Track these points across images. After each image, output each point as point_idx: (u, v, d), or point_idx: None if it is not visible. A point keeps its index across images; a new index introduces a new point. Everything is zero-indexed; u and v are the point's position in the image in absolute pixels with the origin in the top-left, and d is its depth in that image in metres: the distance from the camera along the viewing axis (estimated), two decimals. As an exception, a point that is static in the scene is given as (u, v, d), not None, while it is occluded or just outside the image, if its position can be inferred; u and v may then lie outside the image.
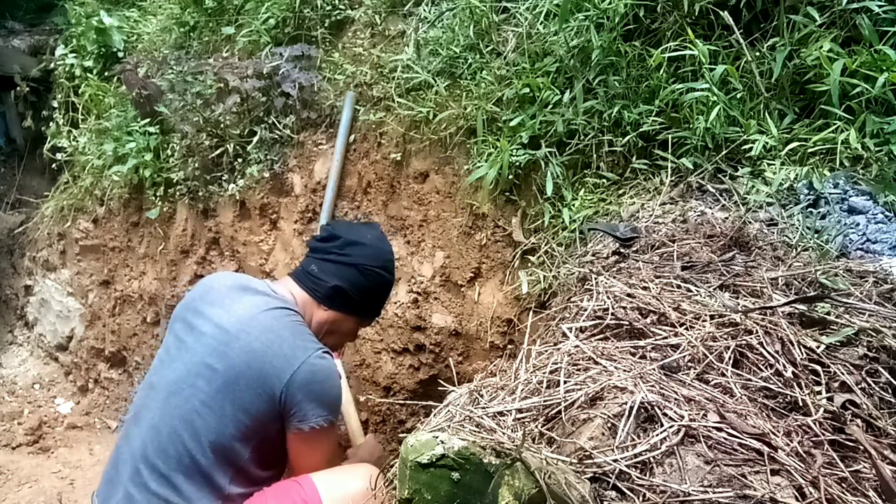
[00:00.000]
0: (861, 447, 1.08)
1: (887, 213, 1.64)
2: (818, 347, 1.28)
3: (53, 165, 4.26)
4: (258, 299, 1.80)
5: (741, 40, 1.97)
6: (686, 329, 1.34)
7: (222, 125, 3.20)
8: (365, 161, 2.91)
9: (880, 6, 1.82)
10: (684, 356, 1.26)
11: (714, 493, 0.96)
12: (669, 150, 1.98)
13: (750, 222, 1.71)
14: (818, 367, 1.24)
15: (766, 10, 2.01)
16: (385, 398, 2.71)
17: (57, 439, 3.42)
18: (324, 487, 1.63)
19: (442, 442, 0.88)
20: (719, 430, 1.08)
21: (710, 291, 1.47)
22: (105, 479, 1.77)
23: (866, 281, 1.46)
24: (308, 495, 1.62)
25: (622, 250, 1.76)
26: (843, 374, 1.22)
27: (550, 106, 2.23)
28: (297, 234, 3.13)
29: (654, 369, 1.22)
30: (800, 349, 1.27)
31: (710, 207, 1.84)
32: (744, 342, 1.29)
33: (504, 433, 1.05)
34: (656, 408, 1.11)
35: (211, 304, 1.80)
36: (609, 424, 1.09)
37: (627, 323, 1.40)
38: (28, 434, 3.39)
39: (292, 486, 1.66)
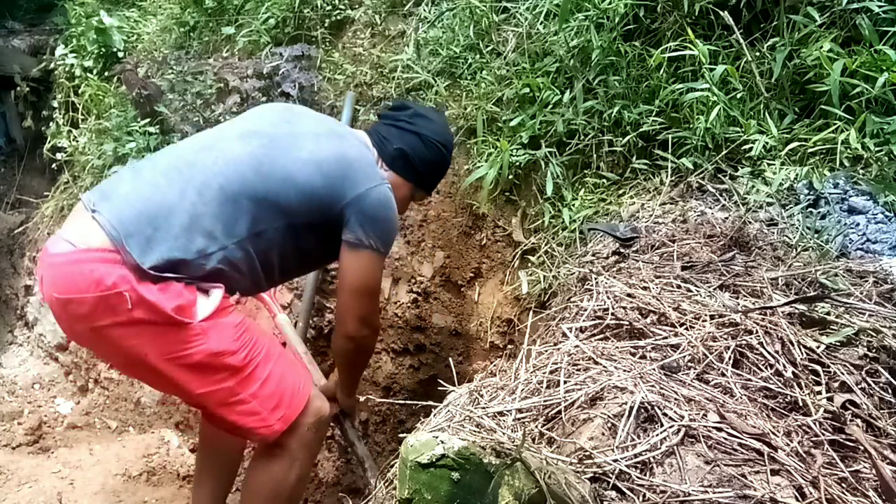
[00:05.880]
0: (861, 447, 1.07)
1: (887, 213, 1.64)
2: (818, 347, 1.28)
3: (53, 165, 4.26)
4: (348, 130, 2.01)
5: (741, 40, 1.97)
6: (686, 329, 1.34)
7: (222, 125, 3.20)
8: (365, 161, 2.91)
9: (880, 6, 1.82)
10: (684, 356, 1.26)
11: (714, 493, 0.96)
12: (669, 150, 1.98)
13: (750, 222, 1.71)
14: (818, 367, 1.24)
15: (766, 10, 2.01)
16: (385, 398, 2.70)
17: (57, 439, 3.41)
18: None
19: (442, 442, 0.88)
20: (719, 430, 1.08)
21: (710, 291, 1.47)
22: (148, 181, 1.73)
23: (866, 281, 1.46)
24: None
25: (622, 250, 1.76)
26: (843, 374, 1.22)
27: (550, 106, 2.23)
28: (297, 234, 3.12)
29: (654, 369, 1.22)
30: (800, 349, 1.27)
31: (710, 207, 1.84)
32: (744, 342, 1.29)
33: (504, 433, 1.05)
34: (656, 408, 1.11)
35: (307, 117, 1.96)
36: (609, 424, 1.09)
37: (627, 323, 1.40)
38: (28, 434, 3.38)
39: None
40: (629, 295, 1.49)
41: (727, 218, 1.76)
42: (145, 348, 1.61)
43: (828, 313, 1.37)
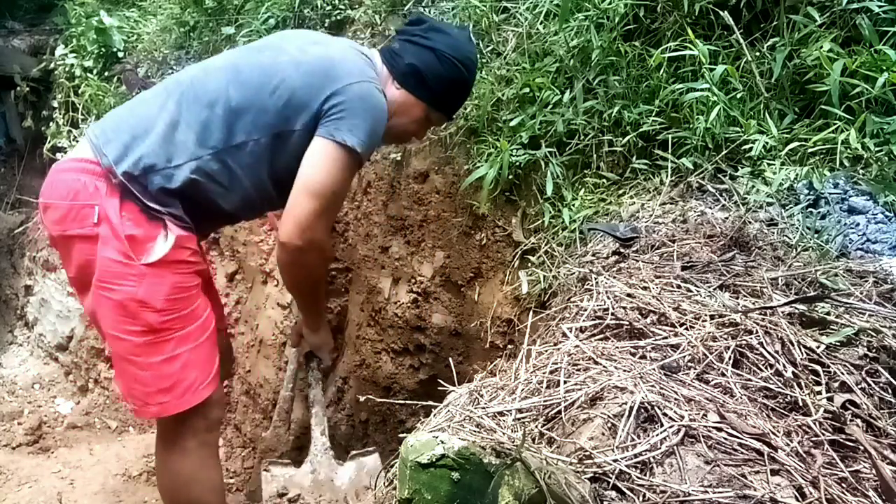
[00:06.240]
0: (861, 447, 1.07)
1: (887, 213, 1.64)
2: (818, 347, 1.28)
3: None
4: (344, 40, 1.96)
5: (741, 40, 1.97)
6: (686, 329, 1.34)
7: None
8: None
9: (880, 6, 1.82)
10: (684, 356, 1.26)
11: (714, 493, 0.96)
12: (669, 150, 1.97)
13: (750, 222, 1.71)
14: (818, 367, 1.24)
15: (766, 10, 2.01)
16: (385, 398, 2.70)
17: (57, 439, 3.41)
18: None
19: (442, 442, 0.88)
20: (719, 430, 1.08)
21: (710, 291, 1.47)
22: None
23: (866, 281, 1.46)
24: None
25: (622, 250, 1.76)
26: (843, 374, 1.22)
27: (550, 106, 2.23)
28: (297, 234, 3.12)
29: (654, 369, 1.22)
30: (800, 349, 1.27)
31: (710, 207, 1.84)
32: (744, 342, 1.29)
33: (504, 433, 1.05)
34: (656, 408, 1.11)
35: (303, 33, 2.00)
36: (609, 424, 1.09)
37: (627, 323, 1.40)
38: (28, 434, 3.38)
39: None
40: (629, 295, 1.49)
41: (727, 218, 1.76)
42: (92, 267, 1.64)
43: (828, 313, 1.37)
